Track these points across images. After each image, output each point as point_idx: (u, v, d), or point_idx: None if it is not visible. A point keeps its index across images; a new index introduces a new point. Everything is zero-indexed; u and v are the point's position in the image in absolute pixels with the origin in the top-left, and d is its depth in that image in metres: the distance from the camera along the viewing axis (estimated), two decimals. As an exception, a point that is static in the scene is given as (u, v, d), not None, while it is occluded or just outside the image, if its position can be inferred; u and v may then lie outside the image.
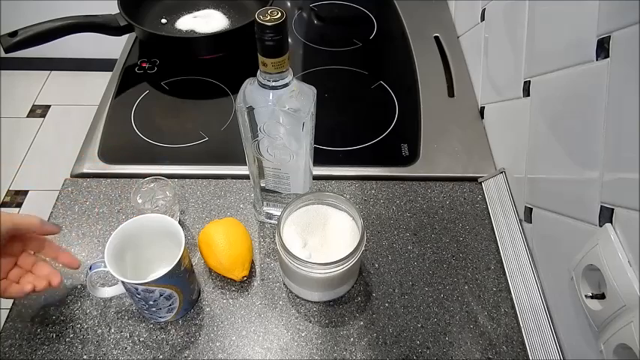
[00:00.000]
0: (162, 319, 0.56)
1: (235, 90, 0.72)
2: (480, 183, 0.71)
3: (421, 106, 0.82)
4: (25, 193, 1.78)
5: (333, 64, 0.90)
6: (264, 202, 0.64)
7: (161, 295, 0.51)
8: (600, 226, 0.45)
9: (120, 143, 0.76)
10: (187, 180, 0.71)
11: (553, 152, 0.55)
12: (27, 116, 2.06)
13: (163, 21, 0.93)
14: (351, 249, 0.51)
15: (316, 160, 0.60)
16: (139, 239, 0.54)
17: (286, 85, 0.48)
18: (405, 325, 0.57)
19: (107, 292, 0.55)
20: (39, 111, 2.08)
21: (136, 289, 0.50)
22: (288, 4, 1.04)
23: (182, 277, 0.53)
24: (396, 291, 0.60)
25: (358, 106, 0.83)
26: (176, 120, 0.80)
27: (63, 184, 0.70)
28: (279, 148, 0.54)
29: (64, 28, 0.82)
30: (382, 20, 1.00)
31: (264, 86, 0.48)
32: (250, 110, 0.50)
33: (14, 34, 0.79)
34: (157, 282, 0.50)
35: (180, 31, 0.91)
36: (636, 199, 0.40)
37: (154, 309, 0.54)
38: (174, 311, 0.55)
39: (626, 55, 0.42)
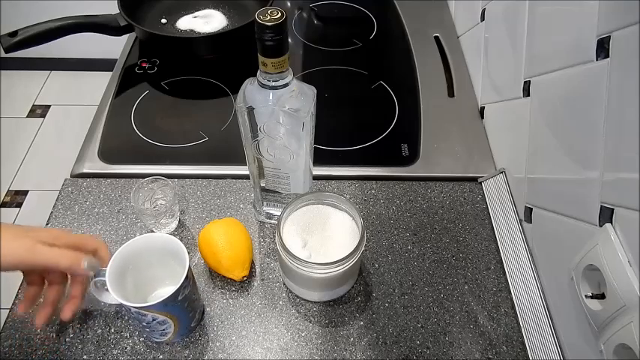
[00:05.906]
0: (156, 340, 0.55)
1: (235, 90, 0.72)
2: (480, 183, 0.71)
3: (421, 106, 0.82)
4: (25, 193, 1.78)
5: (333, 64, 0.90)
6: (264, 202, 0.64)
7: (154, 320, 0.50)
8: (600, 226, 0.45)
9: (120, 143, 0.76)
10: (187, 180, 0.71)
11: (553, 152, 0.55)
12: (27, 116, 2.06)
13: (163, 21, 0.93)
14: (351, 249, 0.51)
15: (316, 160, 0.60)
16: (144, 257, 0.53)
17: (286, 85, 0.48)
18: (405, 325, 0.57)
19: (109, 298, 0.54)
20: (39, 111, 2.08)
21: (129, 309, 0.49)
22: (288, 4, 1.04)
23: (178, 306, 0.51)
24: (396, 291, 0.60)
25: (358, 106, 0.83)
26: (176, 120, 0.80)
27: (63, 184, 0.70)
28: (279, 148, 0.54)
29: (64, 28, 0.82)
30: (382, 20, 1.00)
31: (264, 86, 0.48)
32: (250, 110, 0.50)
33: (14, 34, 0.79)
34: (149, 308, 0.48)
35: (180, 31, 0.91)
36: (636, 199, 0.40)
37: (147, 329, 0.53)
38: (168, 336, 0.54)
39: (626, 55, 0.42)
